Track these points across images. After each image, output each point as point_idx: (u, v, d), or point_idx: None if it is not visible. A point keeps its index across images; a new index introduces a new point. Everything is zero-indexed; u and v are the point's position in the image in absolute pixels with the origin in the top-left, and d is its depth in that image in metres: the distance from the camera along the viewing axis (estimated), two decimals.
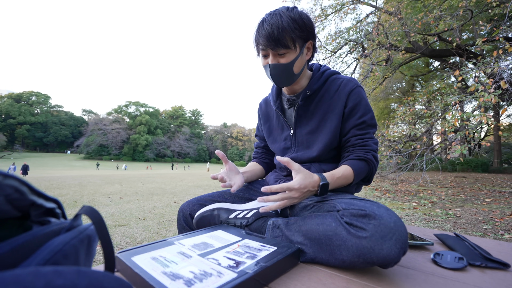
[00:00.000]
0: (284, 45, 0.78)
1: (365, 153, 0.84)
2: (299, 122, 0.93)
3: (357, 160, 0.83)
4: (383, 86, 9.82)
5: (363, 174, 0.84)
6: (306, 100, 0.91)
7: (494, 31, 5.06)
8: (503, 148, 17.39)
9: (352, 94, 0.86)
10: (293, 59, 0.81)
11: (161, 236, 2.57)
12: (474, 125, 4.94)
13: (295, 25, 0.77)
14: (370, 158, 0.84)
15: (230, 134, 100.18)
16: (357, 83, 0.88)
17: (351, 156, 0.84)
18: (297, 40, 0.80)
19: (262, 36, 0.79)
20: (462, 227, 2.75)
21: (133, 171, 24.99)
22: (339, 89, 0.88)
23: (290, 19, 0.77)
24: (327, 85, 0.90)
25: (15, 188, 0.24)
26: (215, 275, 0.47)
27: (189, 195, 5.88)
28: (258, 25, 0.82)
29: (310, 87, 0.89)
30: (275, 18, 0.77)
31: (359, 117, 0.86)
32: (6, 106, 72.53)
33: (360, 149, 0.85)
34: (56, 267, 0.20)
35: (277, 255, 0.56)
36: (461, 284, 0.54)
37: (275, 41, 0.77)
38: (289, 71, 0.83)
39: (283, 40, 0.77)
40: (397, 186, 6.92)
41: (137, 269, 0.48)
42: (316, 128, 0.90)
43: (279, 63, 0.82)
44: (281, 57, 0.81)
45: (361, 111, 0.86)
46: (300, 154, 0.92)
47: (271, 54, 0.81)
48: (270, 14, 0.80)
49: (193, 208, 0.89)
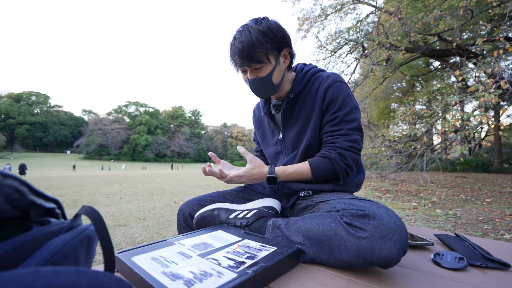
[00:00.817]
0: (257, 60, 0.78)
1: (329, 151, 0.81)
2: (287, 125, 0.93)
3: (319, 157, 0.82)
4: (383, 86, 9.83)
5: (325, 172, 0.82)
6: (290, 103, 0.90)
7: (494, 31, 5.05)
8: (504, 148, 17.38)
9: (330, 89, 0.83)
10: (269, 71, 0.81)
11: (161, 236, 2.57)
12: (475, 125, 4.94)
13: (265, 39, 0.77)
14: (333, 157, 0.80)
15: (230, 134, 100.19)
16: (338, 78, 0.85)
17: (318, 153, 0.85)
18: (270, 52, 0.79)
19: (235, 55, 0.79)
20: (463, 227, 2.75)
21: (130, 171, 24.99)
22: (320, 87, 0.86)
23: (259, 33, 0.77)
24: (310, 85, 0.89)
25: (15, 188, 0.24)
26: (215, 275, 0.47)
27: (189, 195, 5.88)
28: (230, 44, 0.81)
29: (293, 90, 0.88)
30: (244, 35, 0.77)
31: (333, 113, 0.83)
32: (5, 106, 72.59)
33: (327, 146, 0.83)
34: (56, 267, 0.20)
35: (277, 255, 0.56)
36: (461, 284, 0.54)
37: (247, 57, 0.77)
38: (268, 83, 0.83)
39: (255, 56, 0.77)
40: (397, 186, 6.91)
41: (137, 269, 0.49)
42: (302, 129, 0.89)
43: (258, 77, 0.82)
44: (258, 72, 0.81)
45: (336, 106, 0.82)
46: (290, 158, 0.92)
47: (248, 69, 0.82)
48: (239, 31, 0.79)
49: (193, 208, 0.89)
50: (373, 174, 9.71)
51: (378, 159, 7.67)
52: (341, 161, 0.80)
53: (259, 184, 1.06)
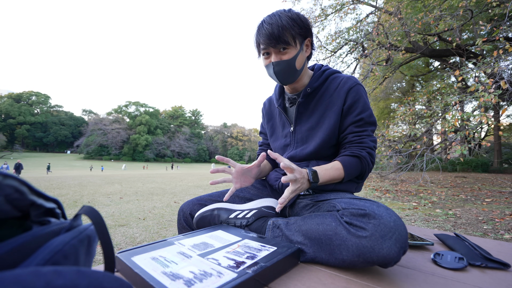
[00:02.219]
0: (285, 42, 0.81)
1: (360, 150, 0.84)
2: (299, 119, 0.94)
3: (349, 157, 0.84)
4: (383, 86, 9.82)
5: (355, 171, 0.84)
6: (306, 97, 0.92)
7: (494, 31, 5.06)
8: (503, 148, 17.39)
9: (351, 91, 0.87)
10: (294, 54, 0.84)
11: (161, 236, 2.57)
12: (474, 125, 4.94)
13: (293, 23, 0.81)
14: (364, 155, 0.83)
15: (230, 134, 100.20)
16: (357, 81, 0.89)
17: (345, 153, 0.85)
18: (297, 36, 0.83)
19: (263, 36, 0.81)
20: (462, 227, 2.75)
21: (130, 171, 24.98)
22: (339, 86, 0.89)
23: (288, 18, 0.81)
24: (328, 83, 0.92)
25: (15, 188, 0.24)
26: (215, 275, 0.47)
27: (189, 195, 5.88)
28: (257, 27, 0.85)
29: (311, 85, 0.91)
30: (274, 18, 0.81)
31: (357, 114, 0.86)
32: (6, 106, 72.58)
33: (355, 145, 0.85)
34: (56, 267, 0.20)
35: (277, 255, 0.56)
36: (461, 284, 0.54)
37: (276, 39, 0.80)
38: (292, 67, 0.85)
39: (284, 37, 0.80)
40: (397, 186, 6.92)
41: (137, 269, 0.49)
42: (315, 124, 0.91)
43: (282, 60, 0.83)
44: (282, 54, 0.83)
45: (359, 108, 0.86)
46: (299, 151, 0.93)
47: (273, 52, 0.84)
48: (269, 16, 0.84)
49: (193, 208, 0.89)
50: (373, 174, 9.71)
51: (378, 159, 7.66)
52: (369, 159, 0.85)
53: (259, 184, 1.07)
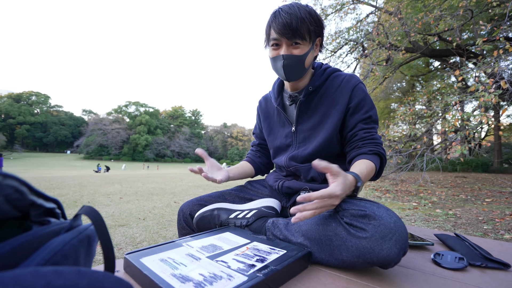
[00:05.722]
0: (300, 35, 0.77)
1: (376, 147, 0.82)
2: (301, 118, 0.92)
3: (372, 155, 0.81)
4: (383, 86, 9.83)
5: (380, 170, 0.84)
6: (308, 96, 0.90)
7: (494, 31, 5.06)
8: (504, 148, 17.37)
9: (356, 89, 0.86)
10: (306, 51, 0.81)
11: (161, 236, 2.57)
12: (475, 125, 4.94)
13: (311, 18, 0.78)
14: (383, 152, 0.82)
15: (230, 134, 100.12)
16: (359, 79, 0.89)
17: (364, 150, 0.82)
18: (312, 33, 0.80)
19: (279, 24, 0.77)
20: (463, 227, 2.75)
21: (130, 171, 24.97)
22: (341, 85, 0.88)
23: (307, 12, 0.78)
24: (329, 82, 0.90)
25: (15, 188, 0.24)
26: (225, 278, 0.46)
27: (189, 195, 5.88)
28: (273, 14, 0.80)
29: (312, 83, 0.89)
30: (293, 9, 0.77)
31: (365, 112, 0.85)
32: (6, 106, 72.58)
33: (370, 142, 0.83)
34: (56, 267, 0.20)
35: (287, 258, 0.56)
36: (461, 284, 0.54)
37: (292, 30, 0.76)
38: (301, 63, 0.82)
39: (301, 30, 0.76)
40: (397, 186, 6.91)
41: (146, 270, 0.48)
42: (318, 123, 0.89)
43: (293, 54, 0.80)
44: (294, 48, 0.80)
45: (366, 106, 0.86)
46: (301, 151, 0.92)
47: (285, 44, 0.79)
48: (287, 5, 0.79)
49: (193, 208, 0.89)
50: None
51: None
52: (385, 155, 0.84)
53: (259, 184, 1.06)
